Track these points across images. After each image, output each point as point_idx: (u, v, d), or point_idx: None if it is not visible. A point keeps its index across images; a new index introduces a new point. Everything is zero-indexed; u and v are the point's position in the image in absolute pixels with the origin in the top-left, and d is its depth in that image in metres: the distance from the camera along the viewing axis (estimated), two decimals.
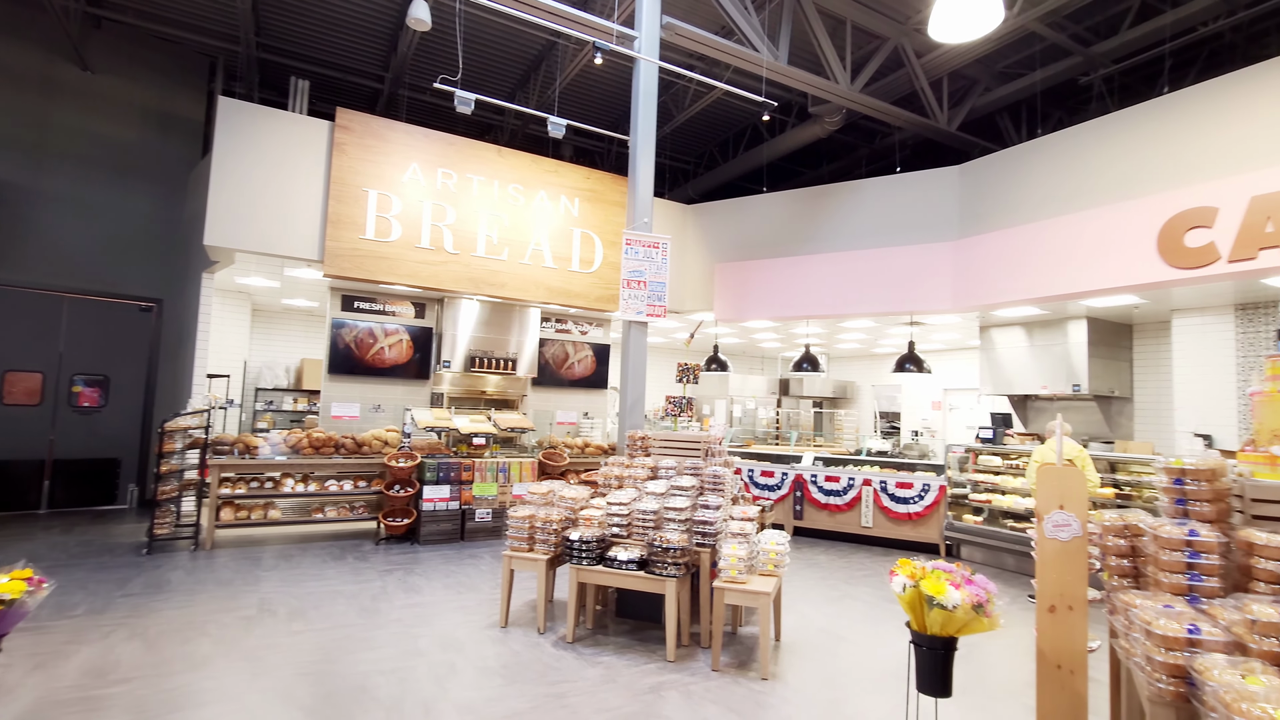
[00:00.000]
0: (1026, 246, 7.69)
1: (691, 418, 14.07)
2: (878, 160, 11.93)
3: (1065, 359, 9.18)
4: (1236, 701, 1.82)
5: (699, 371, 7.01)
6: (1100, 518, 3.07)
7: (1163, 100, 6.83)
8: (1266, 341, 7.42)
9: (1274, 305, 7.13)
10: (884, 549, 8.33)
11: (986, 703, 4.00)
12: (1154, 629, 2.28)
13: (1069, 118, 9.89)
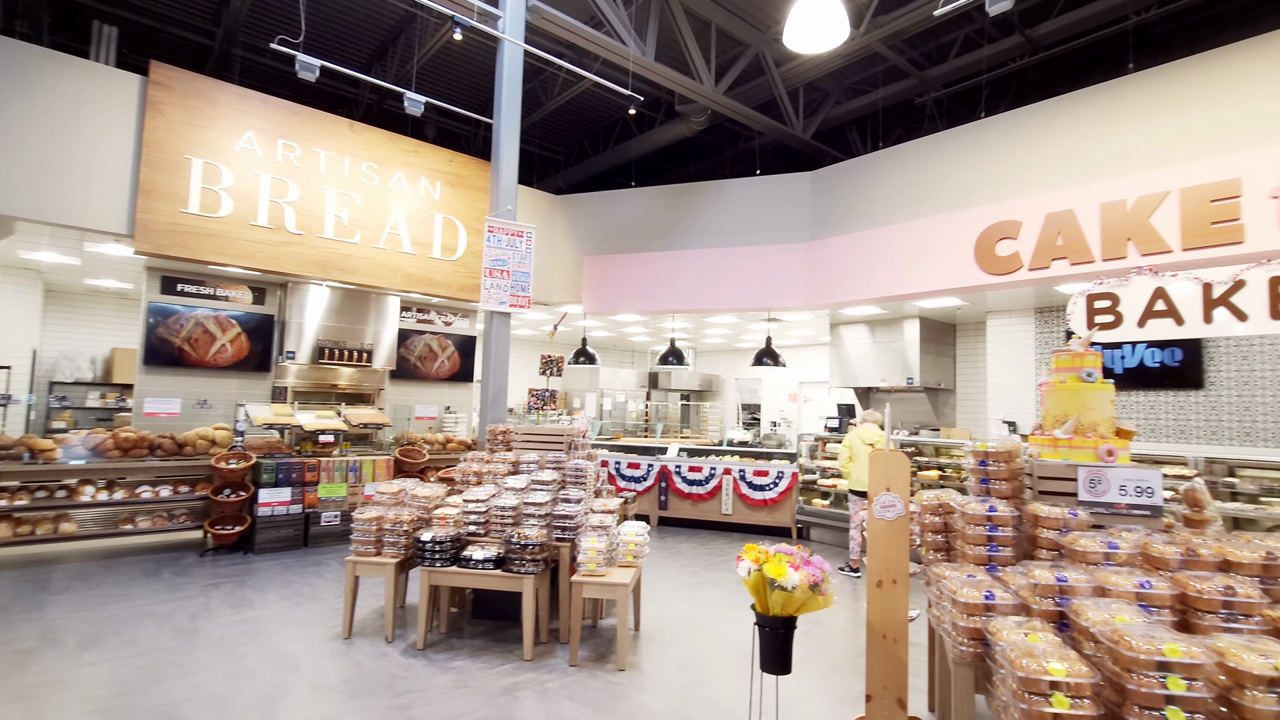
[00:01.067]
0: (869, 250, 8.34)
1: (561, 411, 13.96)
2: (741, 162, 12.43)
3: (901, 355, 10.09)
4: (1019, 658, 2.04)
5: (563, 364, 6.92)
6: (920, 498, 3.35)
7: (980, 124, 7.65)
8: (1059, 340, 8.57)
9: (1064, 309, 8.24)
10: (743, 534, 8.71)
11: (825, 673, 4.28)
12: (958, 597, 2.52)
13: (907, 134, 10.85)
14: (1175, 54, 6.86)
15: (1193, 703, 1.87)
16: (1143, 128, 6.35)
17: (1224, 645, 1.97)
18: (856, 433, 6.95)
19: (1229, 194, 5.66)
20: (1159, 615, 2.29)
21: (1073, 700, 1.95)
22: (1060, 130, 6.92)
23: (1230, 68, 5.94)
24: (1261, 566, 2.45)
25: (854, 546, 6.88)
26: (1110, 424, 3.18)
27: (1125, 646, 1.95)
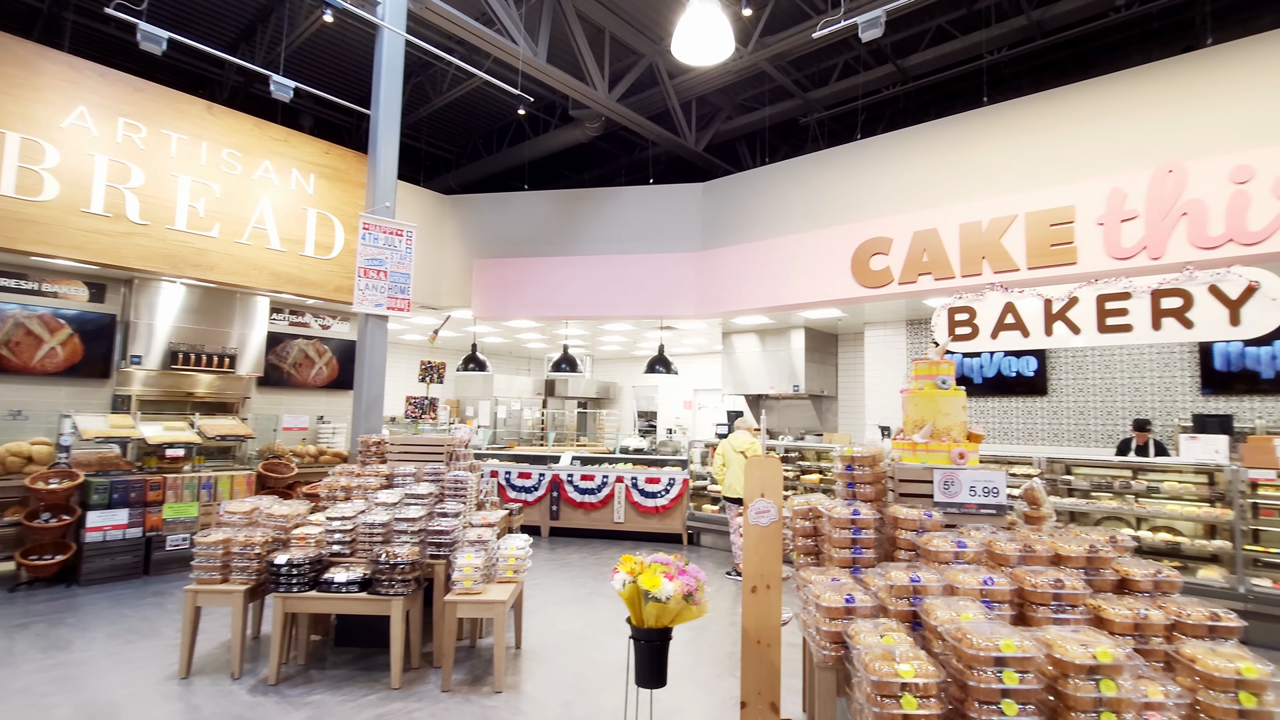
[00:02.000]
0: (757, 261, 8.60)
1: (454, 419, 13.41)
2: (635, 171, 12.52)
3: (788, 363, 10.48)
4: (873, 661, 2.07)
5: (444, 370, 6.60)
6: (791, 503, 3.40)
7: (857, 145, 8.10)
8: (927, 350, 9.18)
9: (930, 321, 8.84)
10: (634, 542, 8.68)
11: (707, 680, 4.27)
12: (821, 602, 2.55)
13: (793, 151, 11.33)
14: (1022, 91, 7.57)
15: (1025, 695, 1.97)
16: (995, 156, 6.94)
17: (1052, 637, 2.09)
18: (729, 441, 7.09)
19: (1065, 219, 6.28)
20: (1000, 610, 2.41)
21: (920, 700, 2.00)
22: (926, 155, 7.43)
23: (1066, 107, 6.61)
24: (1085, 559, 2.66)
25: (737, 551, 7.01)
26: (963, 428, 3.38)
27: (967, 644, 2.02)
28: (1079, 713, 1.94)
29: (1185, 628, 2.35)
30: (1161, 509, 5.75)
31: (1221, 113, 5.75)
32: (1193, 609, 2.40)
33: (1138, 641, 2.33)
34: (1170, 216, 5.76)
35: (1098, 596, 2.49)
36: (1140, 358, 8.06)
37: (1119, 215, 5.99)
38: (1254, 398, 7.28)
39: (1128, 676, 1.99)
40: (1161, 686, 2.05)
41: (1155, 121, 6.07)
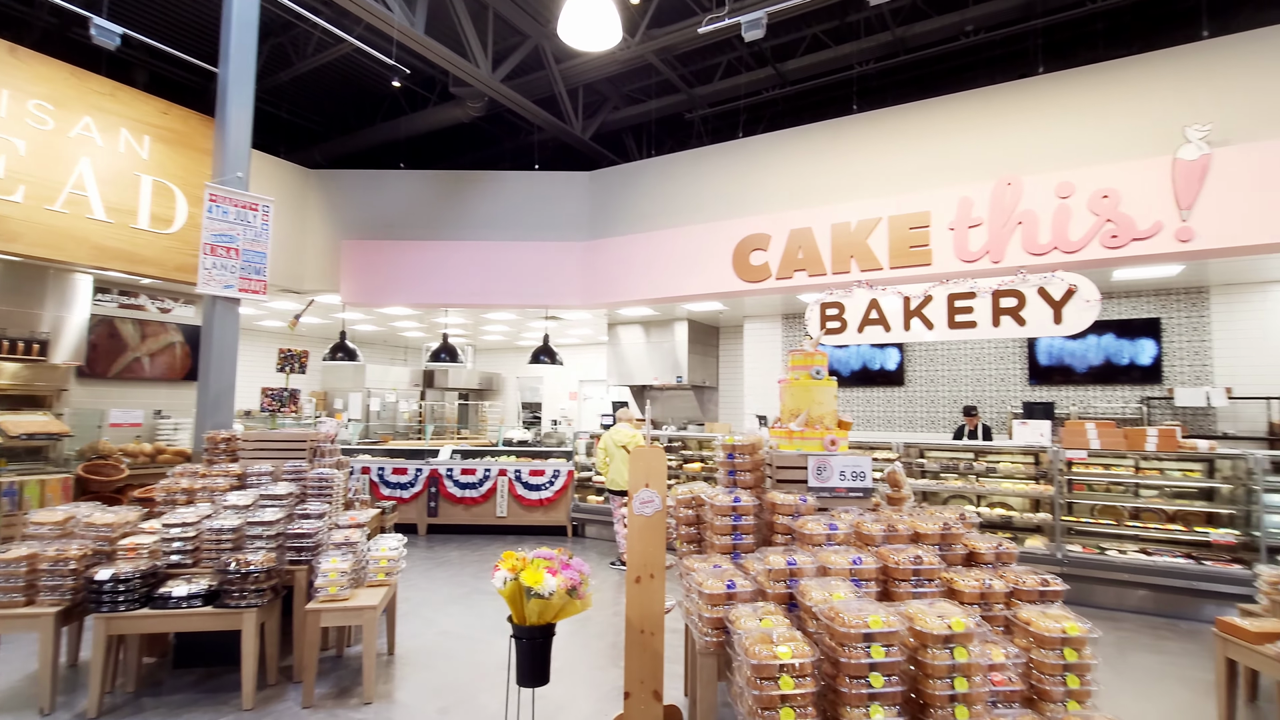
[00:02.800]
0: (643, 253, 8.65)
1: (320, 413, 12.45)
2: (520, 156, 12.18)
3: (672, 354, 10.67)
4: (753, 645, 2.11)
5: (307, 359, 6.06)
6: (675, 492, 3.43)
7: (739, 143, 8.34)
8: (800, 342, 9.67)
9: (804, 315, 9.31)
10: (518, 536, 8.49)
11: (590, 673, 4.24)
12: (704, 589, 2.58)
13: (678, 145, 11.50)
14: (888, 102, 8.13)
15: (890, 667, 2.09)
16: (863, 161, 7.40)
17: (913, 610, 2.24)
18: (611, 434, 7.11)
19: (922, 224, 6.82)
20: (867, 588, 2.56)
21: (796, 680, 2.07)
22: (802, 157, 7.80)
23: (924, 120, 7.17)
24: (940, 535, 2.88)
25: (621, 541, 7.05)
26: (834, 416, 3.56)
27: (839, 623, 2.12)
28: (936, 679, 2.08)
29: (1021, 594, 2.61)
30: (997, 487, 6.42)
31: (1049, 134, 6.47)
32: (1027, 576, 2.67)
33: (983, 609, 2.56)
34: (1008, 225, 6.42)
35: (950, 570, 2.70)
36: (980, 351, 8.97)
37: (967, 222, 6.60)
38: (1070, 387, 8.32)
39: (976, 643, 2.16)
40: (1003, 649, 2.25)
41: (996, 138, 6.73)
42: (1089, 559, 5.74)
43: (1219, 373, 7.56)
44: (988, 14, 7.95)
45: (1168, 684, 4.16)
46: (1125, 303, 8.06)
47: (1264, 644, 3.31)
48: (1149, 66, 6.20)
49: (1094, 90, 6.36)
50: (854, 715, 2.05)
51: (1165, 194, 5.80)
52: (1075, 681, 2.31)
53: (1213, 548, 5.55)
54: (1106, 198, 5.98)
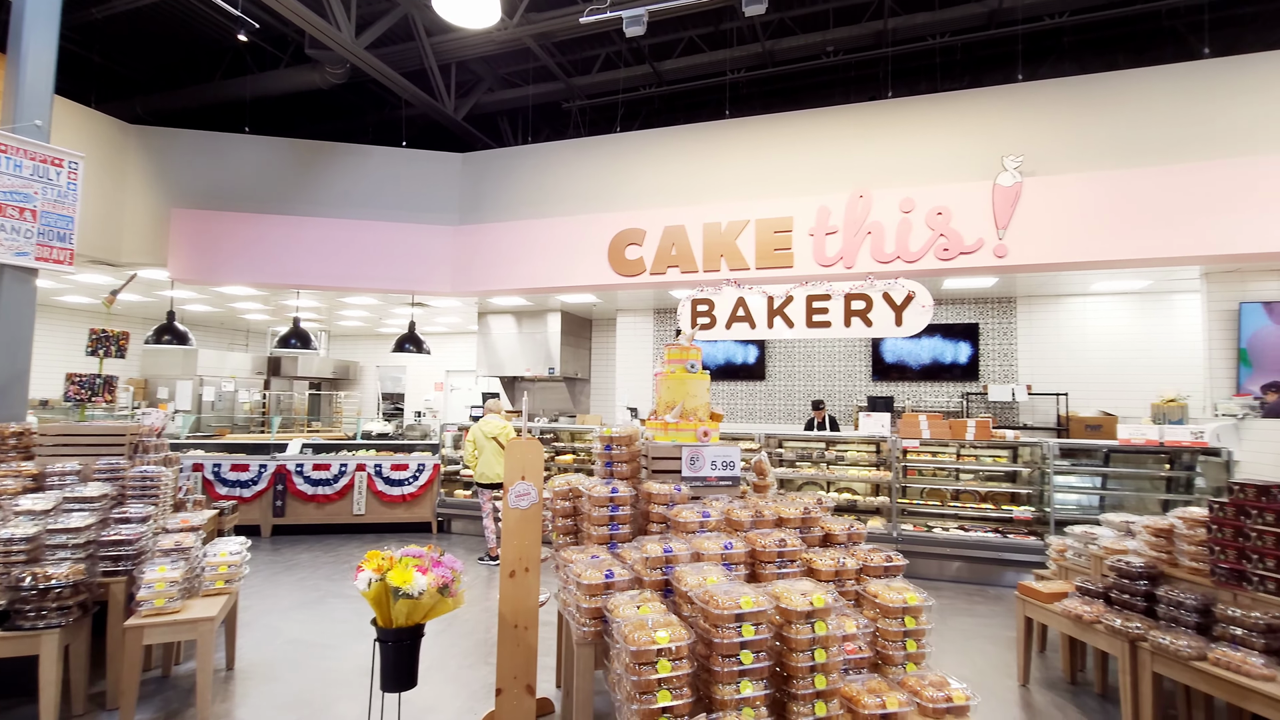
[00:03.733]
0: (517, 241, 8.45)
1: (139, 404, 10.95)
2: (386, 131, 11.44)
3: (545, 346, 10.55)
4: (632, 632, 2.15)
5: (126, 342, 5.30)
6: (552, 484, 3.40)
7: (617, 137, 8.40)
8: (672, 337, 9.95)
9: (676, 310, 9.59)
10: (378, 535, 8.01)
11: (459, 672, 4.11)
12: (582, 580, 2.59)
13: (555, 134, 11.37)
14: (757, 110, 8.57)
15: (759, 644, 2.22)
16: (733, 165, 7.73)
17: (779, 590, 2.39)
18: (479, 425, 6.94)
19: (785, 228, 7.26)
20: (737, 571, 2.69)
21: (673, 663, 2.13)
22: (677, 156, 8.00)
23: (788, 130, 7.62)
24: (802, 520, 3.10)
25: (490, 536, 6.88)
26: (706, 408, 3.70)
27: (714, 605, 2.21)
28: (799, 653, 2.24)
29: (870, 570, 2.87)
30: (845, 473, 7.01)
31: (895, 153, 7.13)
32: (874, 554, 2.94)
33: (837, 585, 2.78)
34: (859, 234, 7.00)
35: (810, 550, 2.91)
36: (832, 350, 9.73)
37: (824, 229, 7.11)
38: (906, 383, 9.26)
39: (834, 616, 2.35)
40: (855, 620, 2.47)
41: (852, 153, 7.30)
42: (918, 536, 6.44)
43: (1022, 372, 8.77)
44: (845, 38, 8.60)
45: (979, 642, 4.77)
46: (951, 309, 9.10)
47: (1053, 603, 3.90)
48: (975, 100, 7.01)
49: (932, 116, 7.09)
50: (725, 692, 2.15)
51: (986, 214, 6.60)
52: (913, 645, 2.58)
53: (1015, 523, 6.43)
54: (941, 214, 6.71)
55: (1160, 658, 3.17)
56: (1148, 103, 6.40)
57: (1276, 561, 2.97)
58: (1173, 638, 3.13)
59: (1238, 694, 2.85)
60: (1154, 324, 8.33)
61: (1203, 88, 6.26)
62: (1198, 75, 6.32)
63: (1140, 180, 6.22)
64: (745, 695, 2.16)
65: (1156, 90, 6.40)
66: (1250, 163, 5.96)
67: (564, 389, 11.57)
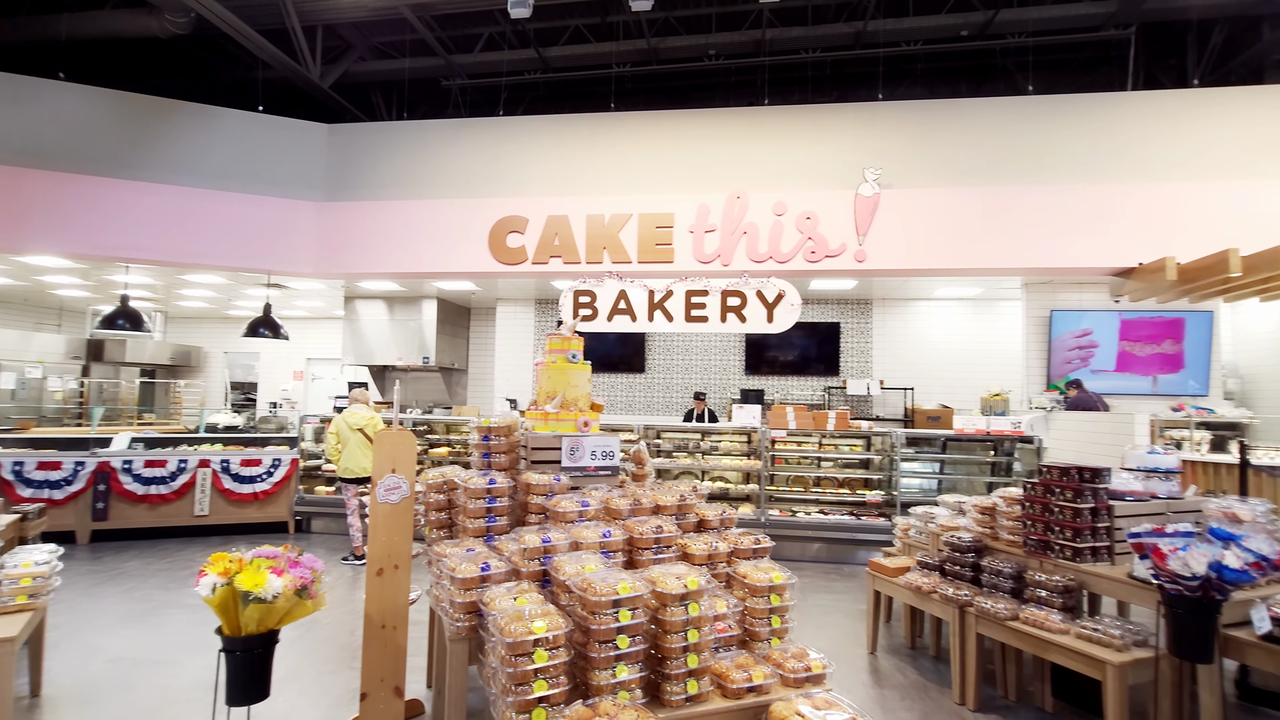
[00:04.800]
0: (391, 223, 7.99)
1: None
2: (240, 92, 10.36)
3: (419, 334, 10.08)
4: (509, 624, 2.11)
5: None
6: (425, 477, 3.26)
7: (500, 121, 8.17)
8: (553, 328, 9.86)
9: (558, 301, 9.51)
10: (224, 537, 7.29)
11: (318, 678, 3.83)
12: (457, 574, 2.50)
13: (433, 113, 10.85)
14: (641, 106, 8.67)
15: (635, 629, 2.26)
16: (618, 158, 7.78)
17: (655, 575, 2.44)
18: (343, 416, 6.53)
19: (667, 224, 7.41)
20: (615, 558, 2.72)
21: (550, 652, 2.12)
22: (562, 145, 7.91)
23: (671, 128, 7.77)
24: (678, 507, 3.19)
25: (355, 534, 6.49)
26: (587, 399, 3.70)
27: (591, 592, 2.22)
28: (673, 634, 2.30)
29: (740, 552, 3.01)
30: (719, 463, 7.31)
31: (770, 158, 7.49)
32: (744, 538, 3.09)
33: (710, 568, 2.90)
34: (736, 234, 7.30)
35: (685, 536, 3.01)
36: (709, 344, 10.09)
37: (704, 227, 7.34)
38: (775, 377, 9.81)
39: (706, 597, 2.44)
40: (725, 601, 2.58)
41: (730, 155, 7.59)
42: (784, 520, 6.86)
43: (877, 368, 9.57)
44: (726, 43, 8.92)
45: (835, 616, 5.17)
46: (817, 308, 9.74)
47: (898, 576, 4.30)
48: (841, 114, 7.53)
49: (803, 126, 7.53)
50: (602, 677, 2.17)
51: (849, 221, 7.12)
52: (778, 622, 2.74)
53: (867, 506, 7.02)
54: (809, 219, 7.15)
55: (983, 620, 3.59)
56: (983, 129, 7.19)
57: (1073, 532, 3.46)
58: (992, 602, 3.56)
59: (1041, 646, 3.30)
60: (984, 327, 9.40)
61: (1026, 120, 7.13)
62: (1023, 109, 7.18)
63: (975, 198, 6.98)
64: (621, 679, 2.20)
65: (990, 118, 7.20)
66: (1064, 189, 6.88)
67: (439, 379, 11.13)
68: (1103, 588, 3.39)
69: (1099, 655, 3.02)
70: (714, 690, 2.39)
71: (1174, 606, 2.76)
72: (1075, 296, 7.49)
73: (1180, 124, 6.92)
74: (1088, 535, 3.43)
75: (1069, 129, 7.04)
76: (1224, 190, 6.66)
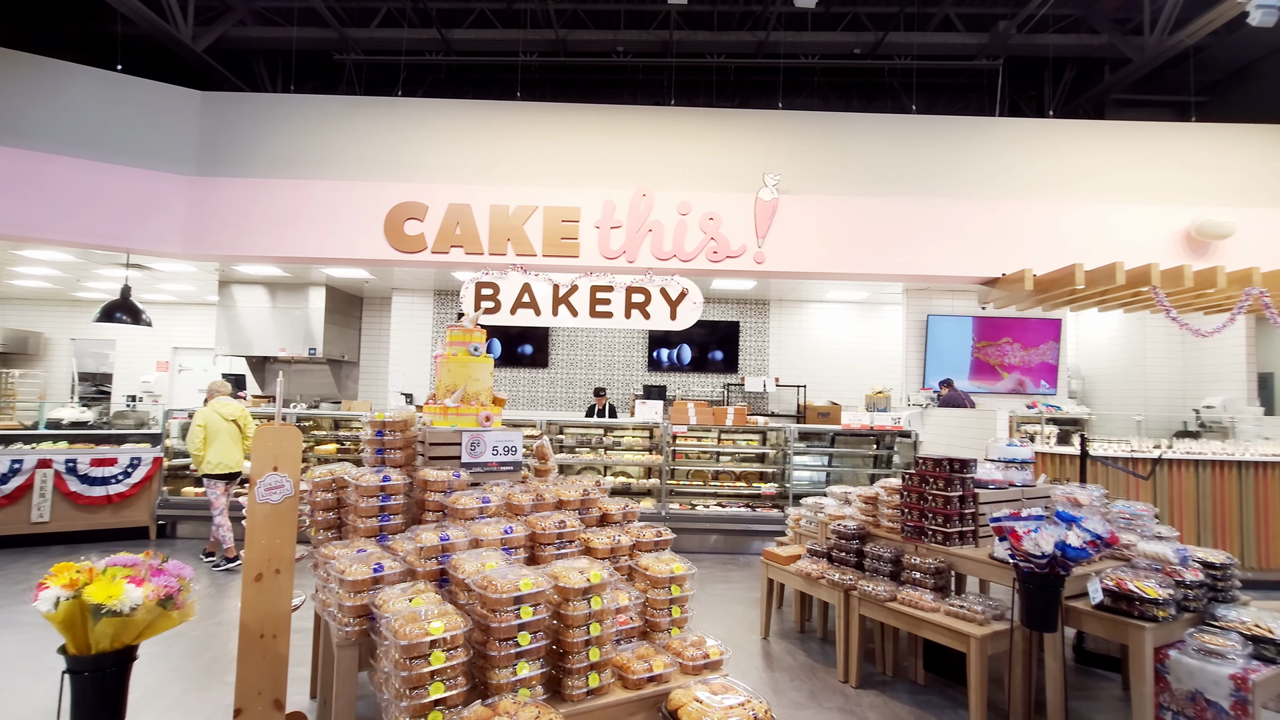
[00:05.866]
0: (275, 201, 7.41)
1: None
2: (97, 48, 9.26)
3: (305, 323, 9.44)
4: (403, 626, 2.02)
5: None
6: (311, 475, 3.07)
7: (399, 101, 7.78)
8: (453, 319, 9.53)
9: (459, 292, 9.22)
10: (71, 545, 6.51)
11: (185, 696, 3.51)
12: (346, 576, 2.37)
13: (324, 87, 10.18)
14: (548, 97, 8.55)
15: (537, 625, 2.23)
16: (524, 148, 7.62)
17: (558, 570, 2.42)
18: (213, 407, 6.04)
19: (573, 218, 7.36)
20: (517, 555, 2.67)
21: (448, 653, 2.05)
22: (465, 131, 7.66)
23: (579, 122, 7.72)
24: (581, 501, 3.18)
25: (225, 535, 5.99)
26: (489, 393, 3.61)
27: (492, 590, 2.17)
28: (575, 628, 2.29)
29: (642, 545, 3.04)
30: (621, 458, 7.36)
31: (675, 158, 7.61)
32: (646, 530, 3.12)
33: (613, 561, 2.91)
34: (641, 231, 7.37)
35: (588, 530, 3.00)
36: (613, 339, 10.14)
37: (610, 223, 7.35)
38: (677, 374, 10.00)
39: (608, 591, 2.45)
40: (627, 593, 2.60)
41: (637, 152, 7.64)
42: (684, 514, 7.01)
43: (773, 366, 9.98)
44: (635, 41, 8.97)
45: (731, 604, 5.35)
46: (718, 307, 10.03)
47: (789, 564, 4.51)
48: (744, 120, 7.78)
49: (708, 128, 7.71)
50: (502, 675, 2.13)
51: (749, 224, 7.37)
52: (678, 611, 2.80)
53: (762, 498, 7.31)
54: (712, 219, 7.33)
55: (865, 602, 3.84)
56: (871, 142, 7.65)
57: (944, 518, 3.77)
58: (874, 585, 3.81)
59: (914, 624, 3.57)
60: (870, 329, 10.04)
61: (909, 137, 7.67)
62: (907, 126, 7.71)
63: (864, 207, 7.43)
64: (522, 676, 2.16)
65: (878, 133, 7.68)
66: (941, 203, 7.45)
67: (328, 372, 10.48)
68: (968, 568, 3.71)
69: (964, 630, 3.31)
70: (615, 682, 2.41)
71: (1026, 582, 3.07)
72: (948, 303, 8.15)
73: (1037, 149, 7.69)
74: (956, 521, 3.75)
75: (945, 147, 7.64)
76: (1074, 210, 7.47)
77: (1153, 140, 7.69)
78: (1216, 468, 5.96)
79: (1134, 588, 3.12)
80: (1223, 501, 5.95)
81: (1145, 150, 7.65)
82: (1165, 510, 5.94)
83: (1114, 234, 7.39)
